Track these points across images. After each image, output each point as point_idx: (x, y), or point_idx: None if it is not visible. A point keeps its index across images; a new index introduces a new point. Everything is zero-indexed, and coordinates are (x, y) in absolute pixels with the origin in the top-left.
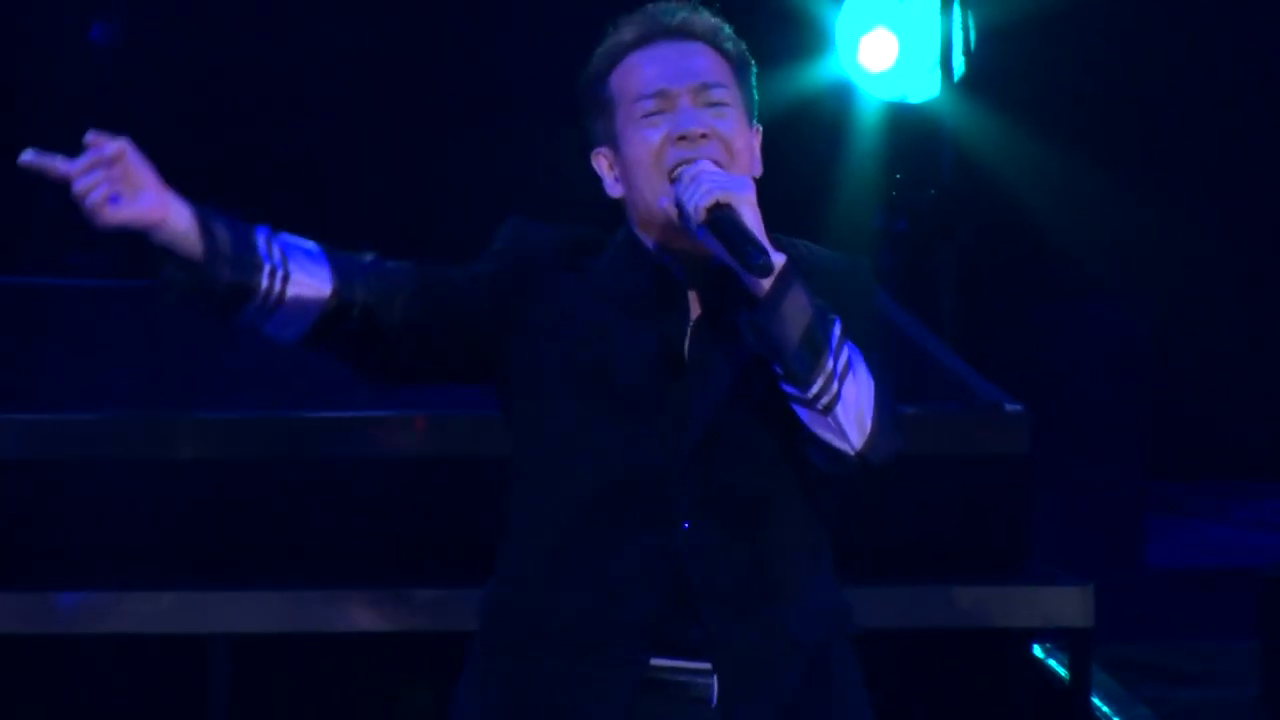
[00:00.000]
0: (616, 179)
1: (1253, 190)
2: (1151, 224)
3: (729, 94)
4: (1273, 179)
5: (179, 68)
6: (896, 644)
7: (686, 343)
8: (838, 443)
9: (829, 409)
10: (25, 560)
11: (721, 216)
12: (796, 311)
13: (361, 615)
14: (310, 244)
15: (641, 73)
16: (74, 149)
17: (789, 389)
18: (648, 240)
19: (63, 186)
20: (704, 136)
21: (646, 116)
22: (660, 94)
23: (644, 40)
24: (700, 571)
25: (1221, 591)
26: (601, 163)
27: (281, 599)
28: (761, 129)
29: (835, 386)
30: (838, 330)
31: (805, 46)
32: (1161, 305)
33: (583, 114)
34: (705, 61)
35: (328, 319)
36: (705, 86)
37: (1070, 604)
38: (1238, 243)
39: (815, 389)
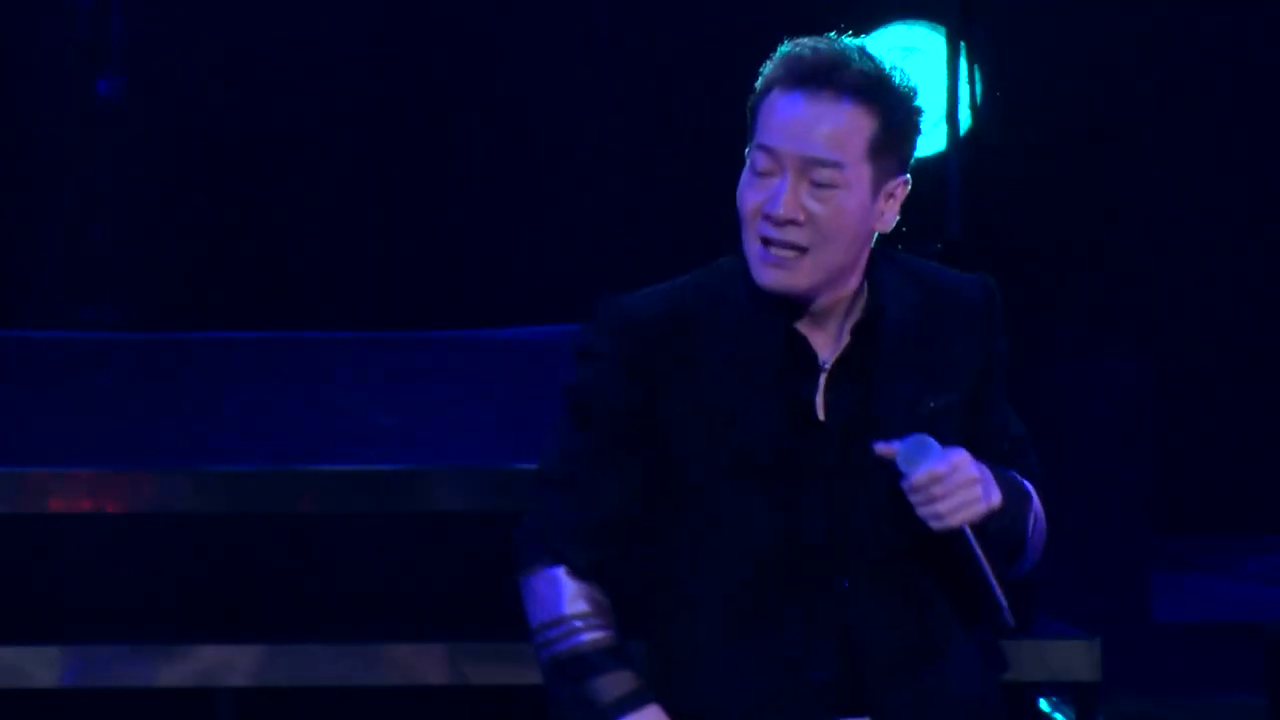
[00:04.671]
0: None
1: (1258, 248)
2: (1157, 279)
3: (845, 172)
4: (1276, 237)
5: (186, 123)
6: None
7: (819, 402)
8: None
9: (1024, 570)
10: (29, 613)
11: (967, 536)
12: (1008, 526)
13: (369, 670)
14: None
15: (768, 119)
16: (80, 205)
17: None
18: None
19: (70, 239)
20: (791, 223)
21: (756, 172)
22: (771, 152)
23: (787, 81)
24: (865, 634)
25: (1229, 646)
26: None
27: (287, 652)
28: (909, 179)
29: (1028, 564)
30: (1030, 516)
31: None
32: (1167, 359)
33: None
34: (834, 127)
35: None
36: (815, 163)
37: (1077, 658)
38: (1243, 299)
39: (1021, 570)
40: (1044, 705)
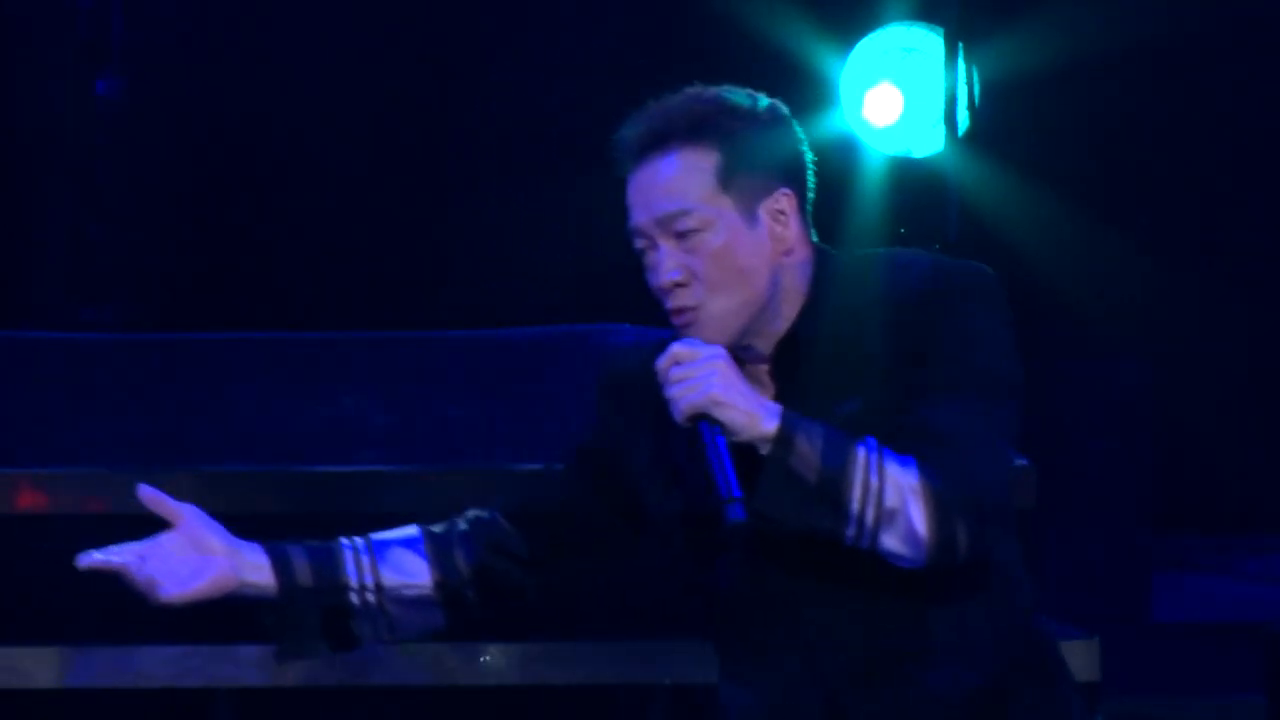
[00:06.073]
0: None
1: (1255, 247)
2: (1155, 279)
3: (700, 214)
4: (1275, 236)
5: (186, 123)
6: None
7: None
8: (902, 562)
9: (874, 545)
10: (29, 613)
11: (703, 431)
12: (803, 469)
13: (369, 670)
14: (408, 533)
15: (627, 207)
16: (80, 205)
17: None
18: None
19: (70, 239)
20: (678, 286)
21: (641, 253)
22: (638, 233)
23: (624, 168)
24: (829, 651)
25: (1229, 646)
26: None
27: None
28: (790, 193)
29: (870, 526)
30: (858, 462)
31: (809, 101)
32: (1166, 359)
33: None
34: (668, 179)
35: (449, 603)
36: (668, 220)
37: (1077, 658)
38: (1241, 298)
39: (850, 537)
40: None
